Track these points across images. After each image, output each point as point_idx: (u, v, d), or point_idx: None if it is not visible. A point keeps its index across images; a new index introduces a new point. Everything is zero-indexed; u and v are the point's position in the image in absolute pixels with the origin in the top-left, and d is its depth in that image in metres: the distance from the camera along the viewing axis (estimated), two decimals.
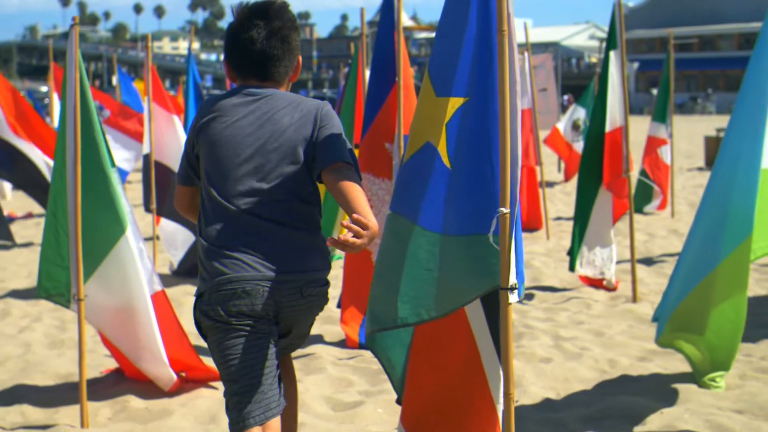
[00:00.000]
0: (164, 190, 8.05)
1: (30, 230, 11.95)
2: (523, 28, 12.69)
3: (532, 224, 11.27)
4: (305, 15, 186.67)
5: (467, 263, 3.00)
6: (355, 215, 2.77)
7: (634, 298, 7.27)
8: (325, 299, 3.13)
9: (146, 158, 7.86)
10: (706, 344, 4.95)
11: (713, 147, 20.47)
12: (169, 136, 7.97)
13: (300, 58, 3.16)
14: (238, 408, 2.99)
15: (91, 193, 4.67)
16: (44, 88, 70.69)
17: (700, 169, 19.98)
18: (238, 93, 3.05)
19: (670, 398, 4.86)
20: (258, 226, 2.97)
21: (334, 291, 7.75)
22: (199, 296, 3.07)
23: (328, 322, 6.69)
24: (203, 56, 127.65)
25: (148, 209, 8.70)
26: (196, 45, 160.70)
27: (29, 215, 13.39)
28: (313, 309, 3.11)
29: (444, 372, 3.35)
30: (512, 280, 2.90)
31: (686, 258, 4.93)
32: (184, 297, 7.53)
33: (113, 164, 4.76)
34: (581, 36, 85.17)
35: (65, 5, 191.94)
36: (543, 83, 17.58)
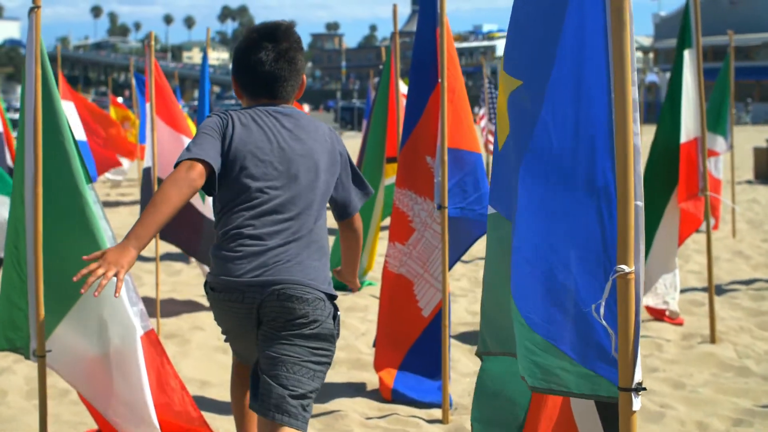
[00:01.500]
0: (182, 224, 6.94)
1: None
2: None
3: None
4: (334, 25, 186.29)
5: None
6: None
7: (713, 338, 6.23)
8: (311, 311, 3.03)
9: (147, 173, 6.82)
10: None
11: (763, 159, 19.38)
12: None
13: (304, 77, 3.26)
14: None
15: (61, 217, 3.74)
16: None
17: (749, 182, 18.82)
18: (263, 109, 3.13)
19: None
20: (271, 235, 3.02)
21: (363, 325, 6.81)
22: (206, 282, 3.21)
23: (356, 366, 5.73)
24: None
25: None
26: (225, 55, 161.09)
27: None
28: (291, 320, 3.01)
29: None
30: (638, 376, 1.93)
31: None
32: (192, 332, 6.58)
33: (89, 181, 3.82)
34: None
35: (96, 16, 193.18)
36: None
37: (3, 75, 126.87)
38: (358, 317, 7.05)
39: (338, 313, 3.14)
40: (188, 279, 8.77)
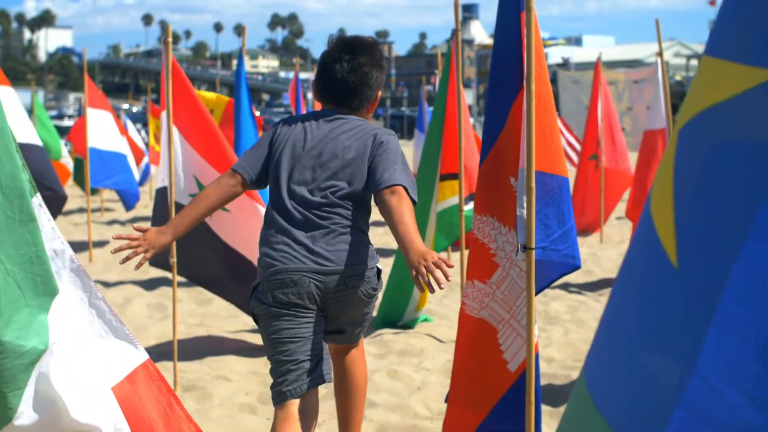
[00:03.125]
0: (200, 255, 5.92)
1: None
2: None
3: None
4: (383, 33, 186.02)
5: None
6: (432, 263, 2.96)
7: None
8: (370, 288, 3.39)
9: (161, 194, 5.64)
10: None
11: None
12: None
13: (379, 93, 3.52)
14: (280, 382, 3.28)
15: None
16: (125, 105, 71.54)
17: None
18: (314, 114, 3.47)
19: None
20: (310, 225, 3.28)
21: (418, 375, 5.68)
22: (255, 287, 3.34)
23: None
24: (282, 74, 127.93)
25: (155, 263, 5.94)
26: (275, 63, 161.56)
27: None
28: (357, 299, 3.38)
29: None
30: None
31: None
32: (216, 384, 5.54)
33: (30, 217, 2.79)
34: (666, 53, 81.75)
35: (147, 24, 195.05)
36: (652, 99, 15.57)
37: (54, 82, 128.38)
38: (413, 364, 5.92)
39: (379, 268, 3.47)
40: (219, 310, 7.74)
